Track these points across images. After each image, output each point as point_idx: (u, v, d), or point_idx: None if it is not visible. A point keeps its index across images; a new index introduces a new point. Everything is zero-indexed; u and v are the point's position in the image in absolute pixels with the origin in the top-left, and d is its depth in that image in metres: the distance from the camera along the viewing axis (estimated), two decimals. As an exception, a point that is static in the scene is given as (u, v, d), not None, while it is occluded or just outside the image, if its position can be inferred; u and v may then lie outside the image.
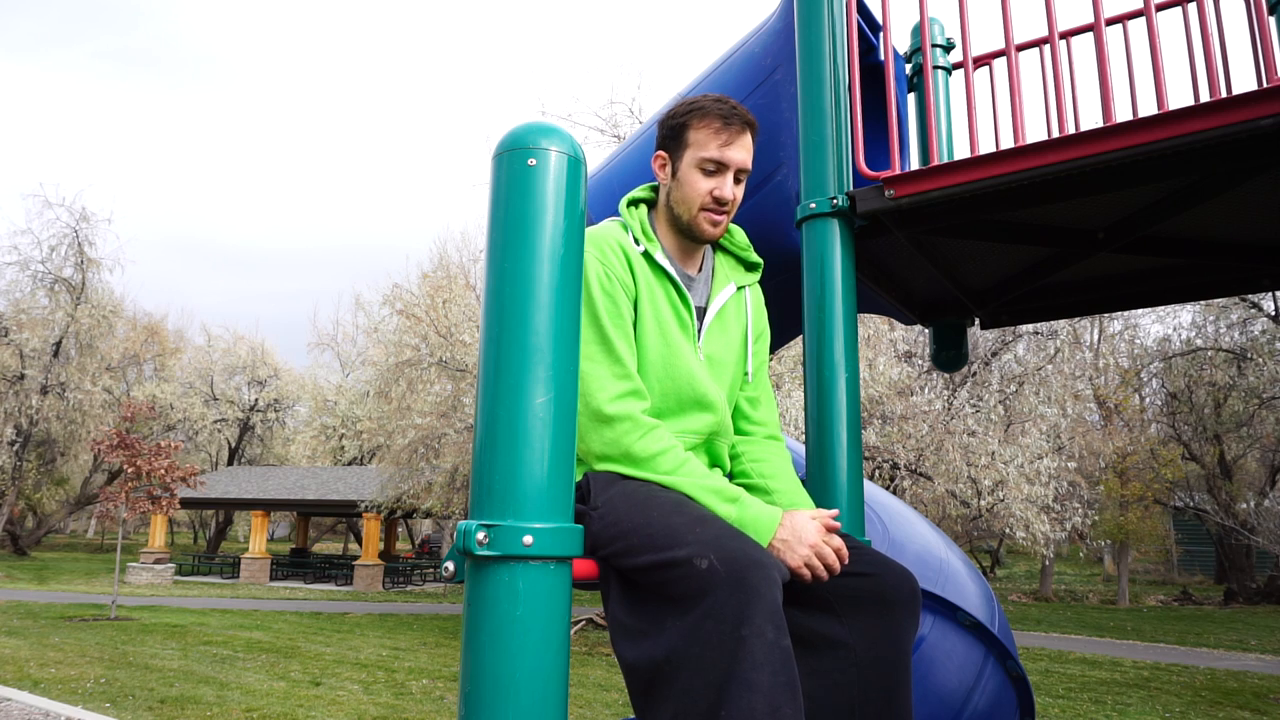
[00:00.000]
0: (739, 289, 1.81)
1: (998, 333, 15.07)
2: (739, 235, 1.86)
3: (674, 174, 1.70)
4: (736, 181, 1.68)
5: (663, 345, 1.62)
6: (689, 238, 1.71)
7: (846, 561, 1.46)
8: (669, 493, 1.46)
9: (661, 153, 1.73)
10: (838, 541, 1.46)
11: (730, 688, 1.18)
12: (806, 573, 1.43)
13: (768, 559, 1.28)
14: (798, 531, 1.45)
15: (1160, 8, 2.46)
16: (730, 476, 1.76)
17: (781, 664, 1.21)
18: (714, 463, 1.73)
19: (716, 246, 1.84)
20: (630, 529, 1.37)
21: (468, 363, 15.00)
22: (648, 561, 1.33)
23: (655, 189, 1.79)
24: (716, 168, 1.65)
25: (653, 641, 1.29)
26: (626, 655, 1.33)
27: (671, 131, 1.70)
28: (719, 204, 1.65)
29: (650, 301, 1.63)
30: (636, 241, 1.67)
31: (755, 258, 1.85)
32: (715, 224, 1.67)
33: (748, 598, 1.21)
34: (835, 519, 1.52)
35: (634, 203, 1.77)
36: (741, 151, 1.66)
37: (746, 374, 1.79)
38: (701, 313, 1.73)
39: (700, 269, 1.77)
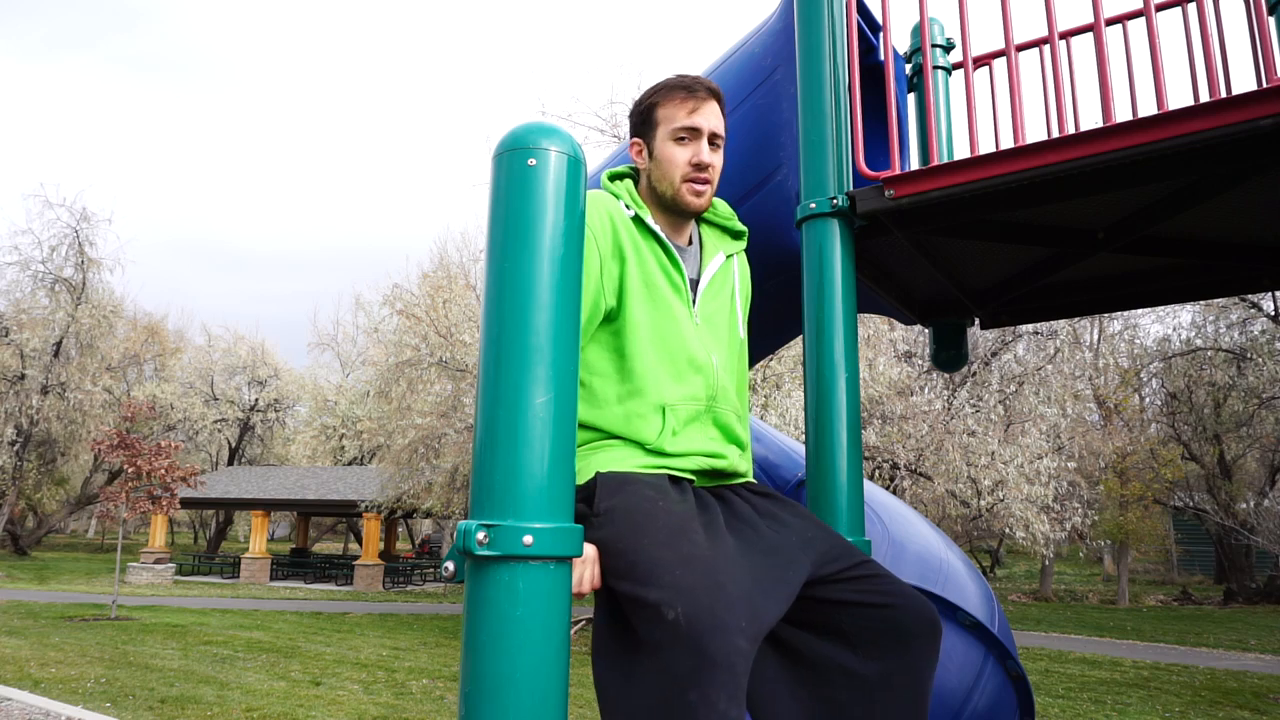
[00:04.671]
0: (728, 257, 1.82)
1: (998, 333, 15.07)
2: (721, 205, 1.86)
3: (651, 155, 1.71)
4: (715, 148, 1.70)
5: (654, 309, 1.62)
6: (675, 213, 1.71)
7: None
8: (671, 517, 1.40)
9: (636, 140, 1.75)
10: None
11: None
12: None
13: (735, 622, 1.21)
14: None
15: (1160, 8, 2.46)
16: None
17: None
18: (728, 437, 1.67)
19: (700, 219, 1.84)
20: (620, 549, 1.34)
21: (468, 363, 15.00)
22: (625, 591, 1.30)
23: (635, 170, 1.79)
24: (689, 134, 1.67)
25: (619, 672, 1.28)
26: (597, 671, 1.32)
27: (641, 117, 1.73)
28: (698, 169, 1.67)
29: (639, 264, 1.62)
30: (627, 207, 1.68)
31: (740, 226, 1.86)
32: (698, 193, 1.68)
33: (702, 663, 1.17)
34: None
35: (617, 177, 1.77)
36: (712, 118, 1.68)
37: (740, 338, 1.79)
38: (694, 283, 1.73)
39: (691, 242, 1.78)
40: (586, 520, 1.42)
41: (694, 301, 1.70)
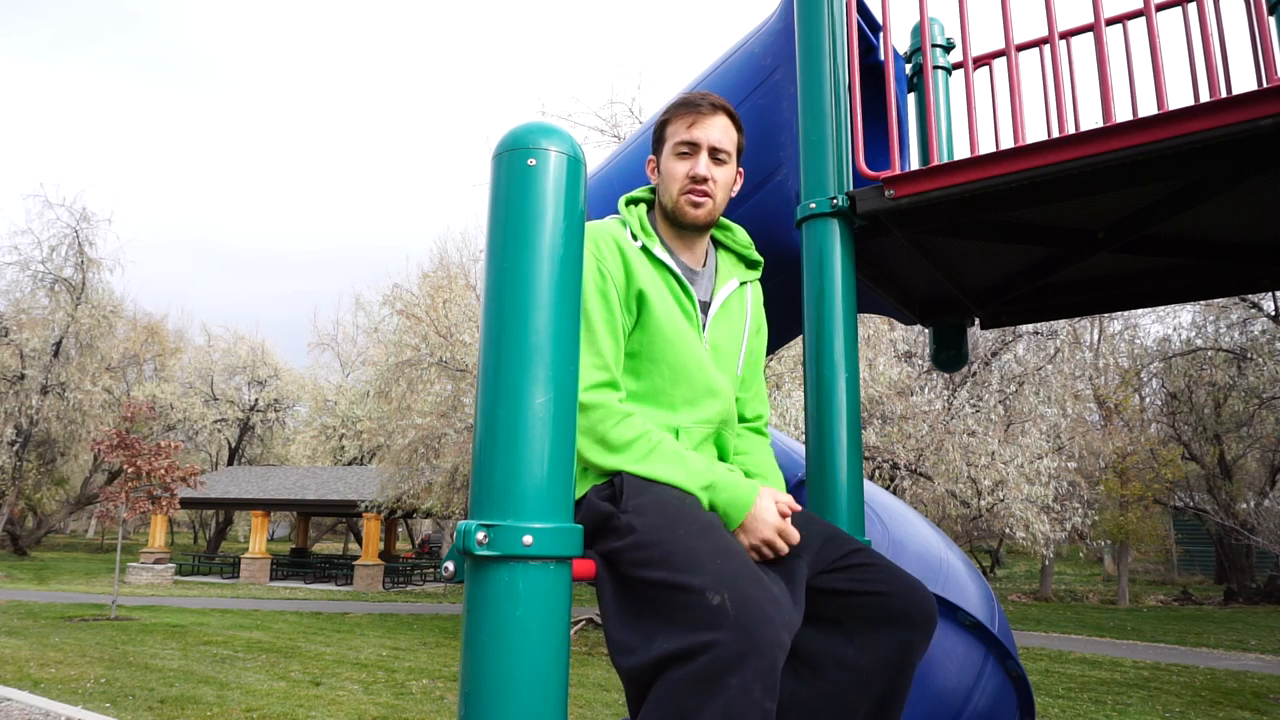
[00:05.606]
0: (741, 284, 1.84)
1: (998, 333, 15.07)
2: (740, 234, 1.89)
3: (659, 170, 1.77)
4: (719, 162, 1.72)
5: (671, 335, 1.64)
6: (680, 226, 1.74)
7: (795, 542, 1.50)
8: (699, 512, 1.45)
9: (651, 156, 1.82)
10: (793, 533, 1.50)
11: None
12: (761, 553, 1.49)
13: (779, 615, 1.25)
14: (763, 514, 1.50)
15: (1160, 8, 2.46)
16: None
17: None
18: (722, 455, 1.73)
19: (719, 245, 1.87)
20: (654, 540, 1.36)
21: (468, 363, 15.00)
22: (660, 578, 1.31)
23: (654, 190, 1.84)
24: (689, 149, 1.71)
25: (642, 655, 1.28)
26: (624, 665, 1.32)
27: (654, 135, 1.80)
28: (695, 182, 1.69)
29: (654, 294, 1.65)
30: (634, 237, 1.70)
31: (756, 256, 1.89)
32: (696, 205, 1.70)
33: (747, 649, 1.19)
34: (794, 509, 1.56)
35: (633, 202, 1.81)
36: (714, 131, 1.71)
37: (744, 367, 1.82)
38: (705, 306, 1.76)
39: (705, 264, 1.80)
40: (612, 518, 1.42)
41: (704, 326, 1.73)
